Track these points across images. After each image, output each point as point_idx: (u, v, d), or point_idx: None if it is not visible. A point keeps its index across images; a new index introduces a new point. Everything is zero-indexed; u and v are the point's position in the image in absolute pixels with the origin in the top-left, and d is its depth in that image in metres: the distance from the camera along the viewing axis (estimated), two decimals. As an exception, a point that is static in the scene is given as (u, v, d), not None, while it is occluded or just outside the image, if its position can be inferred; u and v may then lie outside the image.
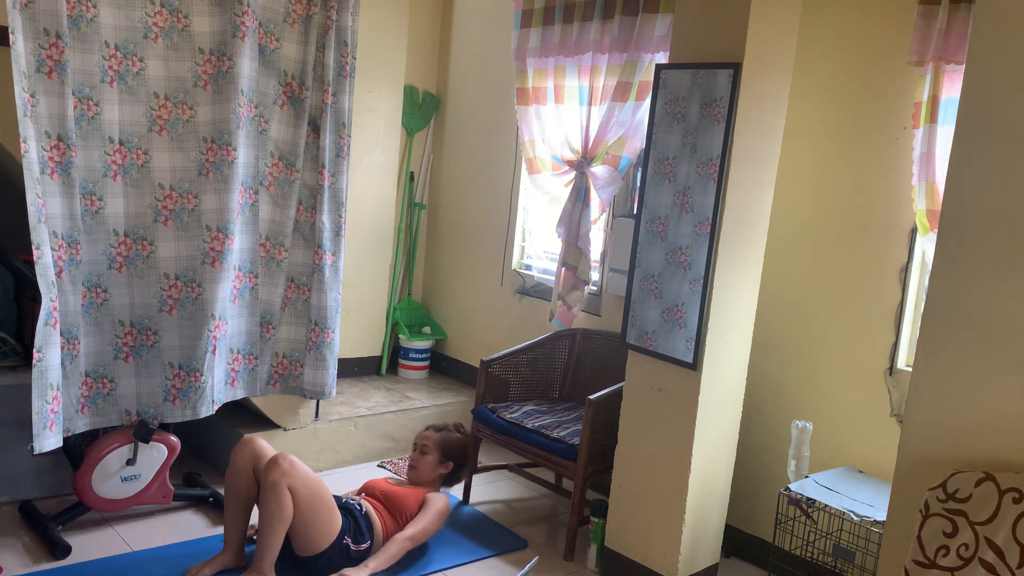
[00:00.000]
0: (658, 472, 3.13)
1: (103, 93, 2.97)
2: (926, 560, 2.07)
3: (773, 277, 3.35)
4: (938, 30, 2.80)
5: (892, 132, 3.08)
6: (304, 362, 3.57)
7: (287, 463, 2.87)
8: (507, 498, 3.97)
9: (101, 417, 3.14)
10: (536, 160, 4.18)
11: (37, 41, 2.76)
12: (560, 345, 4.11)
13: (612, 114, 3.73)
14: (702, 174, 2.95)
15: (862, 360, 3.18)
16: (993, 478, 2.00)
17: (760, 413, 3.44)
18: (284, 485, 2.83)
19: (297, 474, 2.87)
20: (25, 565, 2.99)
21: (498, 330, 4.74)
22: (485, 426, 3.73)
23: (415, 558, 3.29)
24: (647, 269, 3.14)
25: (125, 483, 3.25)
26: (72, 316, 2.97)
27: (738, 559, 3.51)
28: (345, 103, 3.49)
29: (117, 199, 3.07)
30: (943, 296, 2.16)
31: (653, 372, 3.14)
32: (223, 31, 3.14)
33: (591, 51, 3.87)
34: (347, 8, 3.43)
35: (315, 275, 3.50)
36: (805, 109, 3.30)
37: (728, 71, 2.86)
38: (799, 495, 2.91)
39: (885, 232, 3.12)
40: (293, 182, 3.45)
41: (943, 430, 2.15)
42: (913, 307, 3.09)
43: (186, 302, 3.18)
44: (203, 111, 3.16)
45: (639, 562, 3.20)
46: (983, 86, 2.08)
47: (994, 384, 2.07)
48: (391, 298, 5.06)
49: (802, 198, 3.34)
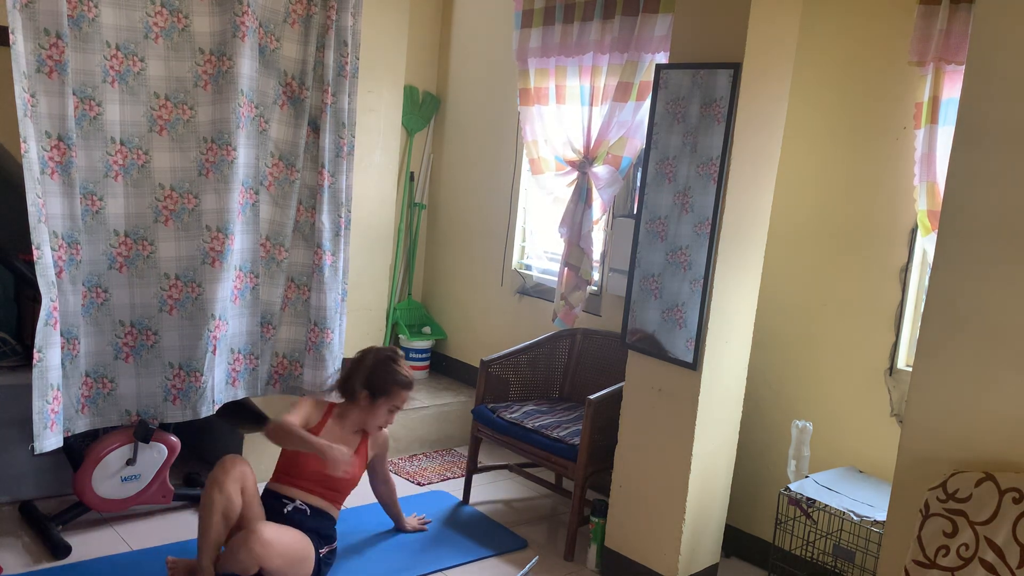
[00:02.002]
0: (658, 472, 3.13)
1: (104, 93, 2.97)
2: (926, 560, 2.07)
3: (773, 277, 3.35)
4: (938, 30, 2.80)
5: (893, 132, 3.08)
6: (304, 362, 3.57)
7: (260, 547, 2.72)
8: (507, 498, 3.97)
9: (101, 417, 3.14)
10: (540, 160, 4.19)
11: (37, 41, 2.76)
12: (560, 345, 4.11)
13: (613, 114, 3.73)
14: (702, 174, 2.95)
15: (862, 360, 3.18)
16: (993, 478, 2.01)
17: (760, 413, 3.44)
18: (256, 565, 2.74)
19: (271, 555, 2.75)
20: (25, 565, 2.99)
21: (498, 330, 4.74)
22: (485, 426, 3.73)
23: (416, 558, 3.29)
24: (647, 269, 3.14)
25: (125, 483, 3.25)
26: (72, 316, 2.97)
27: (738, 559, 3.51)
28: (345, 103, 3.49)
29: (117, 199, 3.06)
30: (943, 296, 2.16)
31: (653, 372, 3.13)
32: (223, 31, 3.14)
33: (592, 51, 3.87)
34: (347, 8, 3.43)
35: (315, 275, 3.50)
36: (805, 109, 3.30)
37: (728, 71, 2.86)
38: (799, 495, 2.91)
39: (885, 232, 3.12)
40: (293, 182, 3.45)
41: (943, 430, 2.15)
42: (913, 307, 3.09)
43: (186, 302, 3.18)
44: (203, 111, 3.16)
45: (639, 562, 3.20)
46: (983, 86, 2.08)
47: (994, 384, 2.07)
48: (391, 298, 5.06)
49: (802, 198, 3.34)
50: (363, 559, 3.26)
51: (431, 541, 3.45)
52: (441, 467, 4.26)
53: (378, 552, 3.33)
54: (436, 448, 4.52)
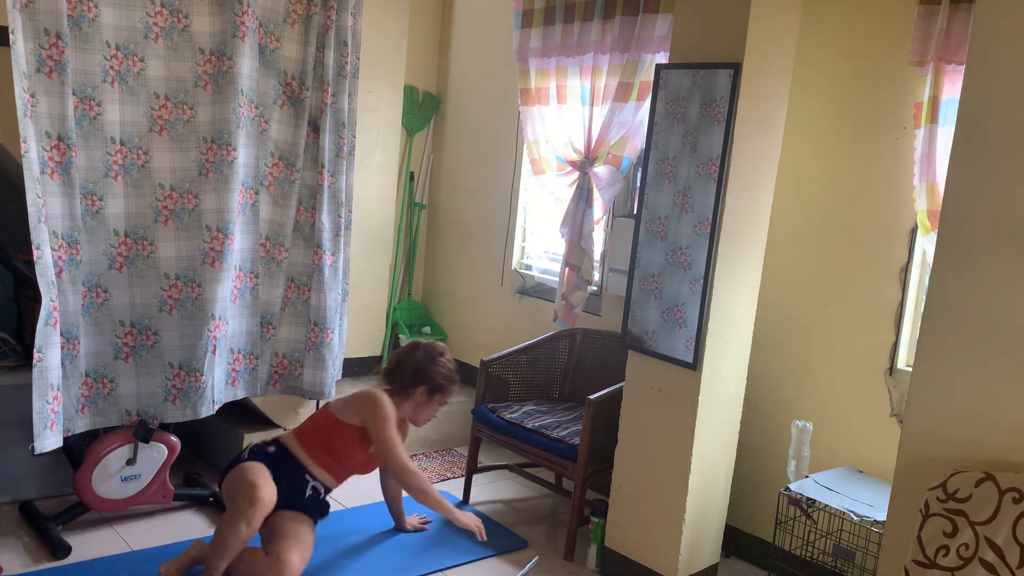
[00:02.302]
0: (658, 472, 3.13)
1: (104, 93, 2.97)
2: (926, 560, 2.07)
3: (773, 277, 3.35)
4: (938, 30, 2.80)
5: (893, 132, 3.08)
6: (304, 362, 3.57)
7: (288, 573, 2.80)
8: (507, 498, 3.97)
9: (101, 417, 3.14)
10: (541, 160, 4.19)
11: (37, 41, 2.76)
12: (560, 345, 4.11)
13: (613, 114, 3.73)
14: (702, 174, 2.95)
15: (862, 360, 3.18)
16: (993, 478, 2.01)
17: (760, 413, 3.44)
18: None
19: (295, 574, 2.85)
20: (25, 565, 2.99)
21: (498, 330, 4.74)
22: (485, 426, 3.73)
23: (416, 558, 3.29)
24: (647, 269, 3.14)
25: (125, 483, 3.24)
26: (72, 316, 2.97)
27: (738, 559, 3.51)
28: (345, 103, 3.50)
29: (117, 199, 3.06)
30: (943, 296, 2.16)
31: (653, 372, 3.13)
32: (223, 31, 3.14)
33: (592, 51, 3.87)
34: (347, 8, 3.43)
35: (315, 275, 3.50)
36: (805, 109, 3.30)
37: (728, 71, 2.86)
38: (799, 495, 2.91)
39: (885, 232, 3.12)
40: (293, 182, 3.45)
41: (943, 430, 2.15)
42: (913, 307, 3.09)
43: (186, 302, 3.18)
44: (203, 111, 3.16)
45: (639, 562, 3.20)
46: (983, 86, 2.08)
47: (994, 384, 2.07)
48: (391, 298, 5.06)
49: (802, 198, 3.33)
50: (363, 559, 3.26)
51: (431, 541, 3.44)
52: (441, 467, 4.26)
53: (378, 552, 3.33)
54: (436, 448, 4.52)
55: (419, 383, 3.18)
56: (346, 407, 3.10)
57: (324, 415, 3.13)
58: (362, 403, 3.08)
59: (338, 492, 3.78)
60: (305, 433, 3.11)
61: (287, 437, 3.11)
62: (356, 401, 3.10)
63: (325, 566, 3.16)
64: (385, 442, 3.05)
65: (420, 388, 3.18)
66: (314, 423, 3.14)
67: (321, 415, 3.15)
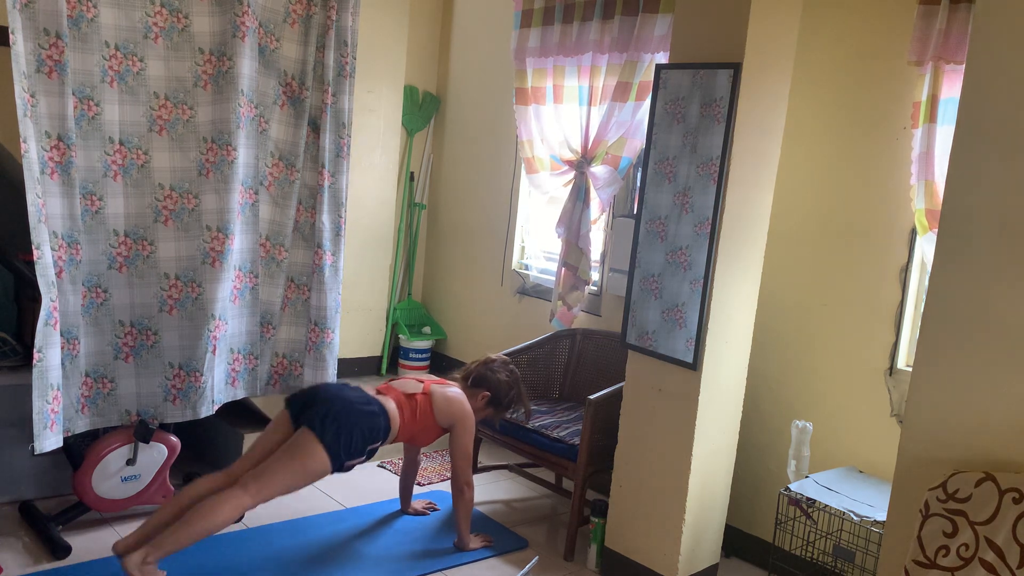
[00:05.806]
0: (658, 472, 3.13)
1: (103, 93, 2.97)
2: (926, 560, 2.07)
3: (773, 277, 3.35)
4: (938, 30, 2.80)
5: (893, 132, 3.08)
6: (304, 362, 3.57)
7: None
8: (507, 498, 3.97)
9: (101, 417, 3.14)
10: (534, 160, 4.19)
11: (37, 41, 2.76)
12: (560, 345, 4.11)
13: (612, 114, 3.73)
14: (702, 174, 2.95)
15: (862, 360, 3.18)
16: (993, 478, 2.01)
17: (760, 413, 3.44)
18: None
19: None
20: (25, 565, 2.99)
21: (498, 330, 4.74)
22: (485, 426, 3.72)
23: (416, 558, 3.29)
24: (647, 269, 3.14)
25: (125, 483, 3.25)
26: (72, 316, 2.97)
27: (738, 559, 3.51)
28: (345, 103, 3.50)
29: (117, 199, 3.07)
30: (943, 296, 2.16)
31: (653, 372, 3.14)
32: (223, 31, 3.14)
33: (591, 51, 3.87)
34: (347, 8, 3.43)
35: (315, 275, 3.50)
36: (805, 109, 3.30)
37: (728, 71, 2.86)
38: (799, 495, 2.91)
39: (885, 232, 3.12)
40: (293, 182, 3.45)
41: (943, 430, 2.15)
42: (913, 307, 3.09)
43: (186, 302, 3.18)
44: (203, 111, 3.16)
45: (639, 562, 3.20)
46: (983, 86, 2.08)
47: (994, 384, 2.07)
48: (391, 298, 5.07)
49: (802, 198, 3.34)
50: (363, 559, 3.26)
51: (431, 541, 3.44)
52: (441, 467, 4.26)
53: (378, 552, 3.33)
54: (436, 448, 4.52)
55: (486, 391, 3.43)
56: (447, 409, 3.28)
57: (426, 409, 3.26)
58: (462, 416, 3.30)
59: (338, 492, 3.79)
60: (402, 408, 3.22)
61: (387, 402, 3.20)
62: (456, 412, 3.30)
63: (325, 566, 3.16)
64: (466, 454, 3.31)
65: (484, 395, 3.43)
66: (418, 408, 3.25)
67: (423, 406, 3.26)
